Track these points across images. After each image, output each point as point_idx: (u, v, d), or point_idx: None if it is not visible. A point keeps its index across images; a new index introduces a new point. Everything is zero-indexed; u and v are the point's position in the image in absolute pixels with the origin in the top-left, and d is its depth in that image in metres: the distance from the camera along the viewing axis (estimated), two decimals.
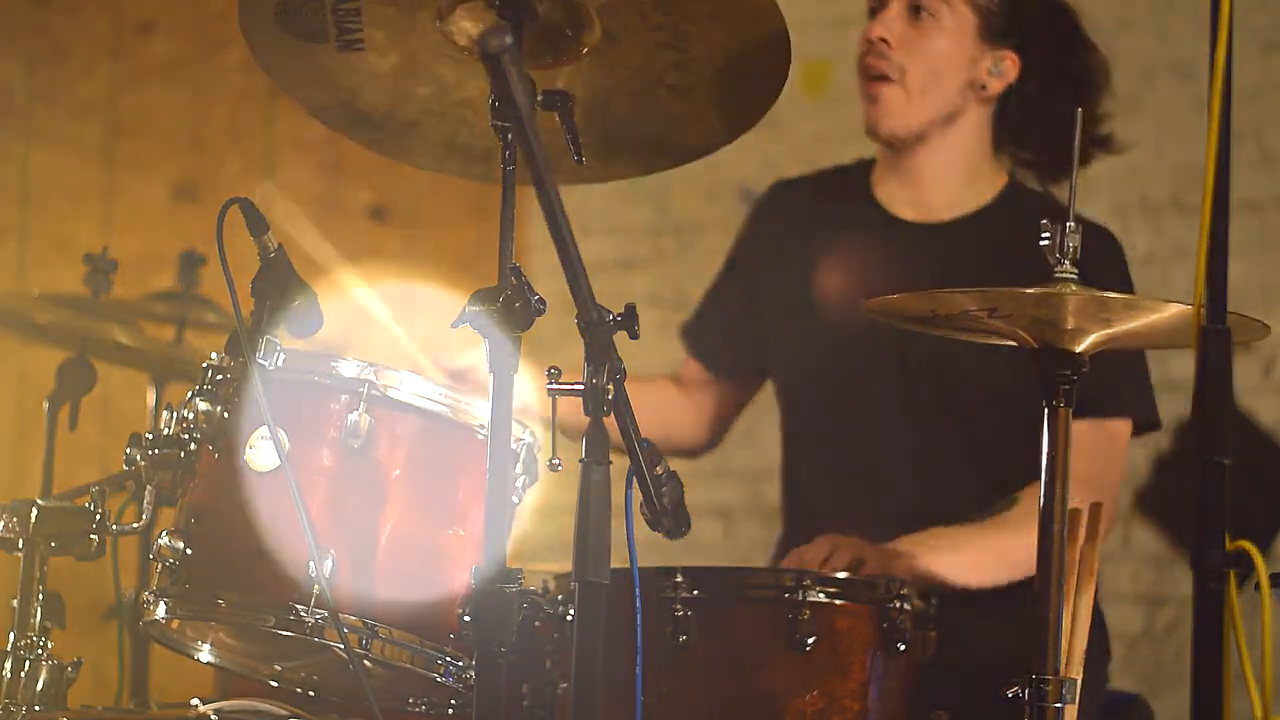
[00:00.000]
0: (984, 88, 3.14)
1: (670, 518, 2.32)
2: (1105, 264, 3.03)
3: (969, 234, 3.16)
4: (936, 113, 3.14)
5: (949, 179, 3.18)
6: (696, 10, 2.29)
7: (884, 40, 3.11)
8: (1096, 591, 2.55)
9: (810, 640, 2.58)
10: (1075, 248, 2.30)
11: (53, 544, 2.43)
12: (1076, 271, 2.30)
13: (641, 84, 2.37)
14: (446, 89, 2.39)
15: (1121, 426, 3.06)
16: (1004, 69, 3.14)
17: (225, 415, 2.42)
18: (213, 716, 2.50)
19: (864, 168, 3.28)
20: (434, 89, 2.40)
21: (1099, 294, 2.27)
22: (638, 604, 2.21)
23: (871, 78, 3.14)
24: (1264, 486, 4.18)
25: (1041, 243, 2.31)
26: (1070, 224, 2.30)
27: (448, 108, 2.42)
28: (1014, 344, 2.42)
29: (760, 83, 2.39)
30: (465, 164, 2.51)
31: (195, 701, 2.55)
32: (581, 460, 2.09)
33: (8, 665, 2.39)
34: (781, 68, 2.36)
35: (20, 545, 2.42)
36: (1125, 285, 3.10)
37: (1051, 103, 3.15)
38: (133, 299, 3.59)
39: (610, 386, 2.08)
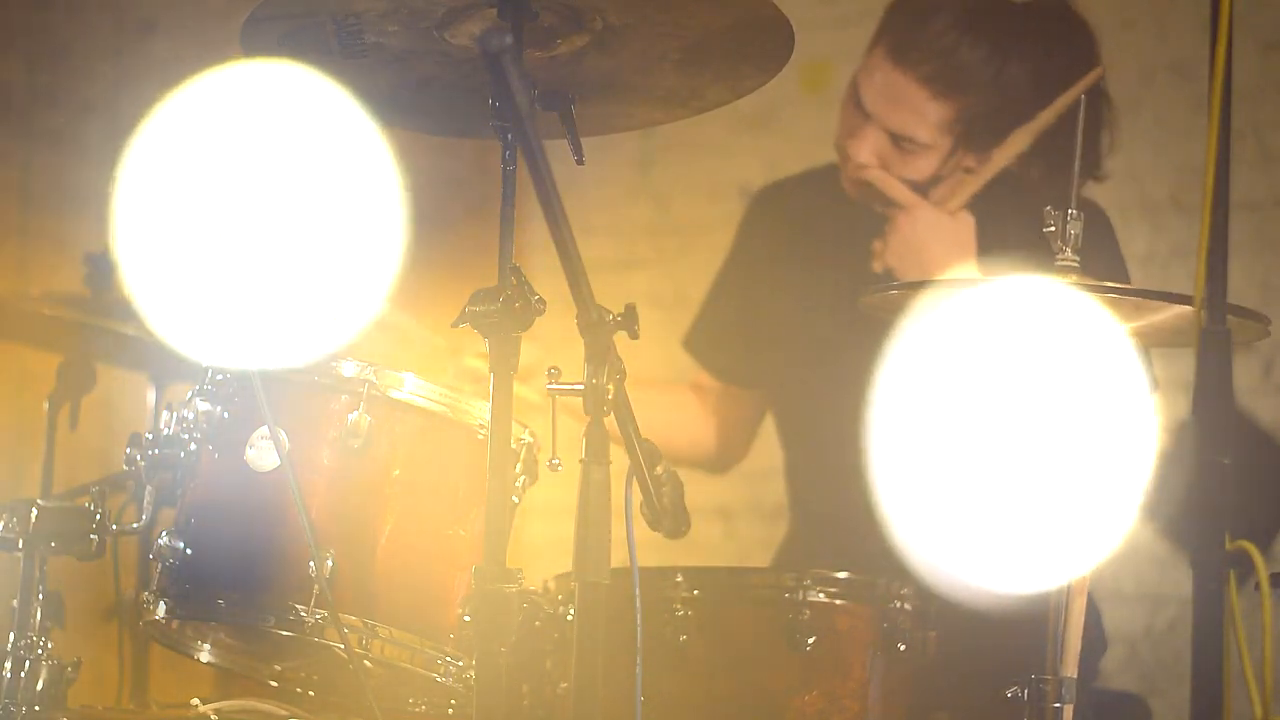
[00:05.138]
0: (970, 169, 3.12)
1: (670, 518, 2.32)
2: (1096, 240, 3.01)
3: None
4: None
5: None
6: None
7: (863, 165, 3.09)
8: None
9: (810, 640, 2.58)
10: (1077, 236, 2.30)
11: (53, 544, 2.43)
12: (1077, 260, 2.30)
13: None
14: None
15: None
16: (991, 156, 3.10)
17: (225, 415, 2.42)
18: (213, 716, 2.51)
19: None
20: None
21: (1102, 293, 2.27)
22: (637, 604, 2.21)
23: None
24: (1264, 486, 4.18)
25: (1045, 230, 2.31)
26: (1072, 212, 2.31)
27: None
28: None
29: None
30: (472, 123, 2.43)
31: (195, 701, 2.55)
32: (581, 460, 2.09)
33: (8, 665, 2.40)
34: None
35: (20, 545, 2.43)
36: (1116, 259, 3.09)
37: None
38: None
39: (610, 386, 2.08)
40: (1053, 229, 2.32)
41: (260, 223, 2.09)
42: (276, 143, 2.09)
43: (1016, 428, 2.14)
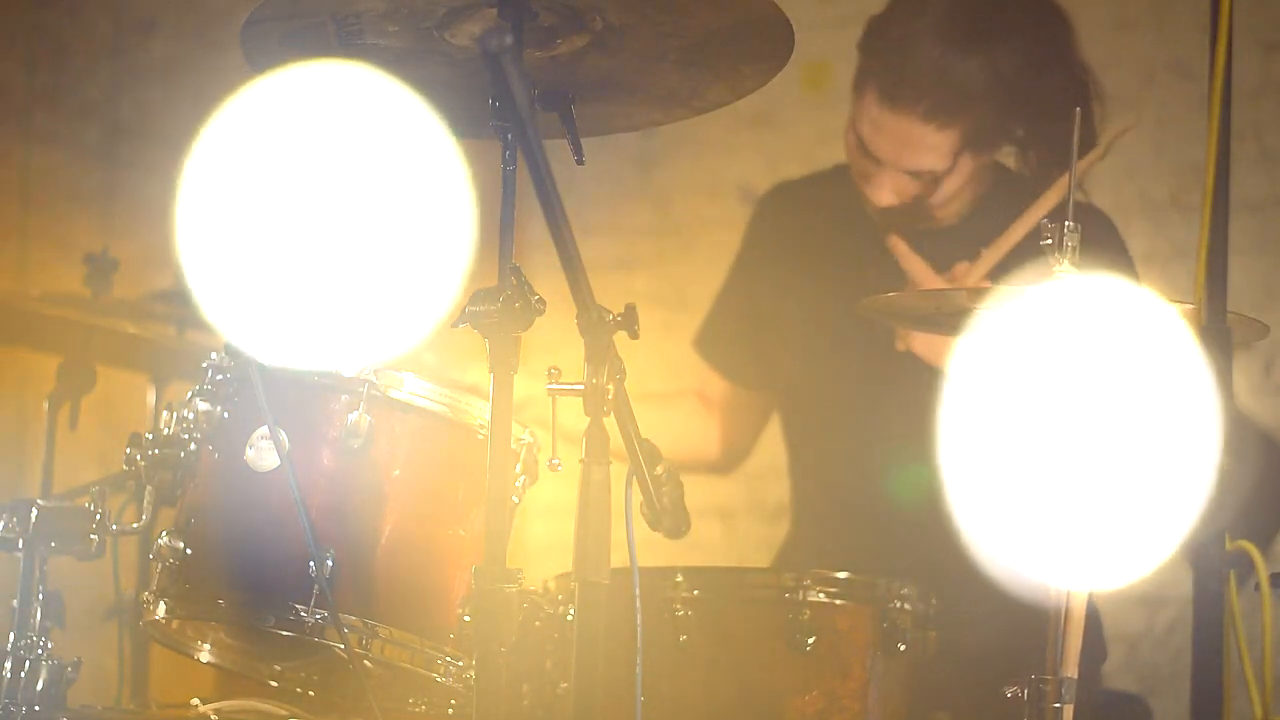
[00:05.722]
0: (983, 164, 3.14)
1: (670, 517, 2.32)
2: (1103, 247, 3.01)
3: (964, 231, 3.14)
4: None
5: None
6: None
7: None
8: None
9: (810, 640, 2.58)
10: (1074, 248, 2.30)
11: (53, 544, 2.43)
12: (1075, 272, 2.30)
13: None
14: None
15: None
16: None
17: (225, 415, 2.43)
18: (213, 716, 2.51)
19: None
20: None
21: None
22: (637, 604, 2.21)
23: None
24: (1264, 486, 4.18)
25: (1042, 243, 2.31)
26: (1069, 224, 2.30)
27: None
28: None
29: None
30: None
31: (195, 701, 2.55)
32: (581, 460, 2.09)
33: (8, 665, 2.40)
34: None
35: (20, 545, 2.43)
36: (1123, 262, 3.09)
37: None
38: (133, 299, 3.59)
39: (610, 386, 2.08)
40: (1050, 241, 2.31)
41: (334, 231, 2.09)
42: (347, 147, 2.09)
43: (1082, 433, 2.12)
